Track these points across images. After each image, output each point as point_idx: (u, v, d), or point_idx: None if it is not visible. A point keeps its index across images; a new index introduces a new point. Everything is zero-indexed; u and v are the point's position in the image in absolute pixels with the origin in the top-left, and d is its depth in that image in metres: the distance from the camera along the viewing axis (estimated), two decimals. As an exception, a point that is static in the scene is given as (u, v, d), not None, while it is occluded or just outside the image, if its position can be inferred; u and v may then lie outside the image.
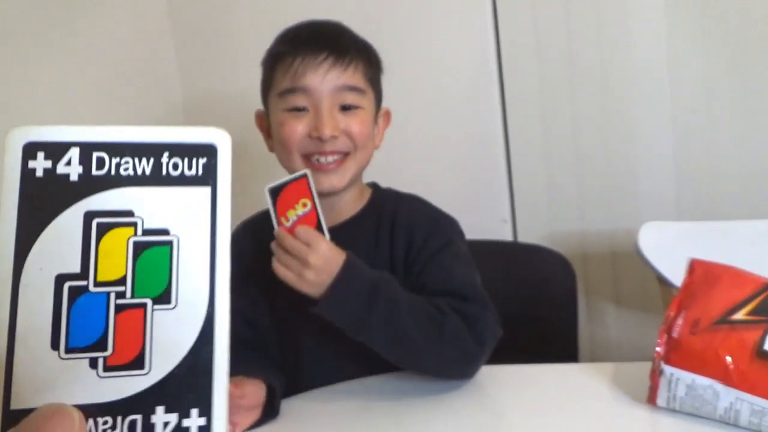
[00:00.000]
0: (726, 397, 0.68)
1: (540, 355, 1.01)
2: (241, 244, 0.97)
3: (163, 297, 0.19)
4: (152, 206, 0.20)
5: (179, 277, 0.19)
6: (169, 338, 0.19)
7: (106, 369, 0.18)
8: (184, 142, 0.21)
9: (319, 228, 0.80)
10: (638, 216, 1.52)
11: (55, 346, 0.17)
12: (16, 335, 0.17)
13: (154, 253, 0.19)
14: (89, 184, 0.19)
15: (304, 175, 0.80)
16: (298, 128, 0.87)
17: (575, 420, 0.74)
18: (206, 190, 0.20)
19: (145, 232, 0.20)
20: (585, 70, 1.54)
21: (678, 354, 0.72)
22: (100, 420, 0.17)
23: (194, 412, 0.20)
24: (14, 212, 0.18)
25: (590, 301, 1.65)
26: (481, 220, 1.58)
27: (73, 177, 0.19)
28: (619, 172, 1.57)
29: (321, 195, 0.85)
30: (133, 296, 0.19)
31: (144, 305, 0.19)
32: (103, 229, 0.19)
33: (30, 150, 0.18)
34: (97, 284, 0.19)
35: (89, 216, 0.19)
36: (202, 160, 0.21)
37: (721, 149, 1.47)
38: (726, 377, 0.68)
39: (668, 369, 0.72)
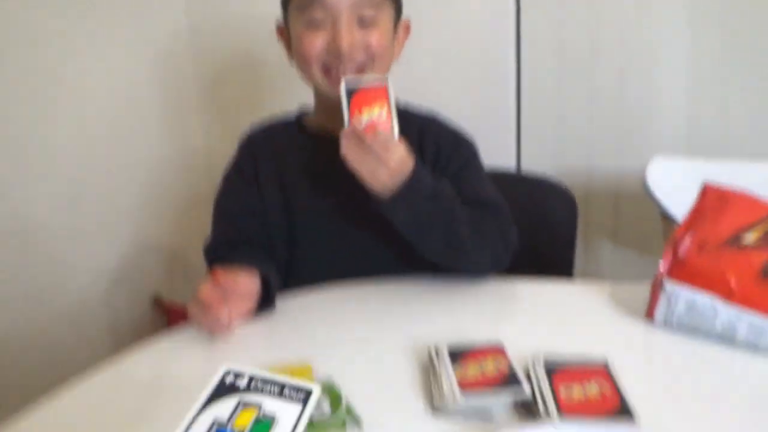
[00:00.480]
0: (725, 314, 0.68)
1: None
2: (256, 144, 0.98)
3: None
4: (271, 404, 0.41)
5: None
6: None
7: None
8: (299, 385, 0.43)
9: (391, 133, 0.81)
10: (647, 157, 1.50)
11: None
12: None
13: (264, 424, 0.40)
14: (247, 389, 0.41)
15: (385, 84, 0.81)
16: (316, 42, 0.87)
17: (571, 333, 0.74)
18: (299, 406, 0.41)
19: (264, 414, 0.40)
20: (605, 5, 1.49)
21: (682, 271, 0.71)
22: None
23: None
24: (209, 391, 0.41)
25: (588, 240, 1.65)
26: (486, 148, 1.56)
27: (242, 385, 0.42)
28: (631, 111, 1.53)
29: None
30: None
31: None
32: (244, 406, 0.41)
33: (227, 372, 0.43)
34: (231, 428, 0.41)
35: (240, 401, 0.41)
36: (302, 394, 0.42)
37: (735, 92, 1.44)
38: (728, 295, 0.68)
39: (670, 285, 0.72)
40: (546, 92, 1.58)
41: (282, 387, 0.44)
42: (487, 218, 0.87)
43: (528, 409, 0.58)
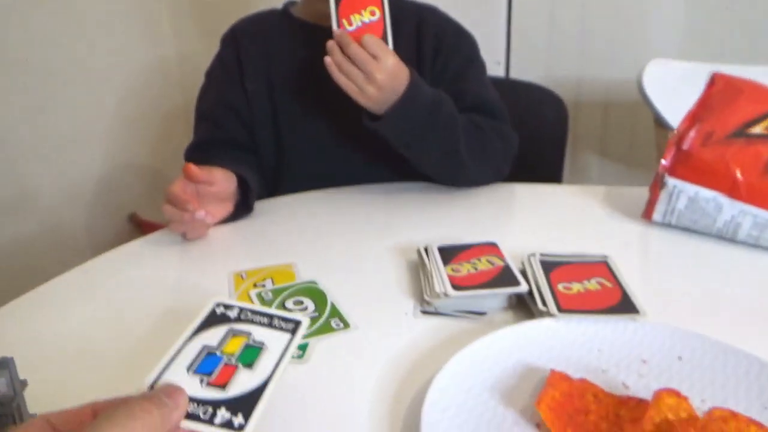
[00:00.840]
0: (729, 209, 0.65)
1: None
2: (241, 35, 0.90)
3: (249, 366, 0.39)
4: (261, 333, 0.42)
5: (260, 361, 0.39)
6: (244, 382, 0.37)
7: (206, 385, 0.37)
8: (288, 316, 0.44)
9: (384, 41, 0.73)
10: (639, 66, 1.44)
11: (189, 369, 0.38)
12: (174, 361, 0.39)
13: (253, 349, 0.40)
14: (237, 320, 0.42)
15: None
16: None
17: (567, 234, 0.71)
18: (288, 335, 0.42)
19: (253, 341, 0.41)
20: None
21: (685, 166, 0.67)
22: (194, 404, 0.35)
23: (240, 415, 0.35)
24: (199, 320, 0.42)
25: (575, 151, 1.61)
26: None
27: (232, 316, 0.43)
28: (625, 18, 1.46)
29: None
30: (235, 362, 0.39)
31: (237, 366, 0.38)
32: (234, 334, 0.41)
33: (218, 304, 0.44)
34: (221, 353, 0.40)
35: (230, 329, 0.42)
36: (292, 324, 0.43)
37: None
38: (732, 190, 0.64)
39: (672, 181, 0.68)
40: (538, 2, 1.48)
41: (271, 318, 0.43)
42: (489, 129, 0.82)
43: (525, 308, 0.55)
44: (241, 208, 0.76)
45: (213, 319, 0.42)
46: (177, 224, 0.70)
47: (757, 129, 0.66)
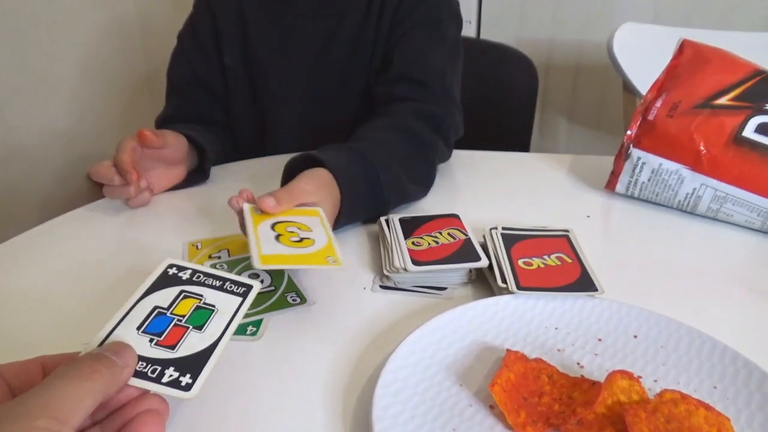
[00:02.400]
0: (691, 182, 0.65)
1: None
2: (216, 9, 0.84)
3: (198, 328, 0.39)
4: (212, 296, 0.42)
5: (210, 323, 0.40)
6: (194, 343, 0.38)
7: (155, 344, 0.37)
8: (240, 280, 0.44)
9: None
10: (610, 30, 1.42)
11: (139, 328, 0.38)
12: (125, 320, 0.39)
13: (204, 311, 0.41)
14: (189, 282, 0.43)
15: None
16: None
17: (529, 204, 0.70)
18: (239, 299, 0.42)
19: (204, 303, 0.41)
20: None
21: (650, 137, 0.66)
22: (142, 363, 0.36)
23: (188, 375, 0.36)
24: (151, 281, 0.42)
25: (545, 114, 1.60)
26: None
27: (184, 277, 0.43)
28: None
29: None
30: (185, 323, 0.39)
31: (188, 327, 0.39)
32: (185, 296, 0.42)
33: (170, 266, 0.44)
34: (171, 314, 0.40)
35: (182, 291, 0.42)
36: (244, 288, 0.43)
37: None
38: (696, 162, 0.64)
39: (636, 152, 0.67)
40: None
41: (224, 281, 0.43)
42: (420, 120, 0.73)
43: (485, 283, 0.55)
44: (197, 174, 0.73)
45: (165, 280, 0.42)
46: (111, 189, 0.66)
47: (723, 100, 0.65)
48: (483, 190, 0.74)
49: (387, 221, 0.61)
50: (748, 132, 0.63)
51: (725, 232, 0.64)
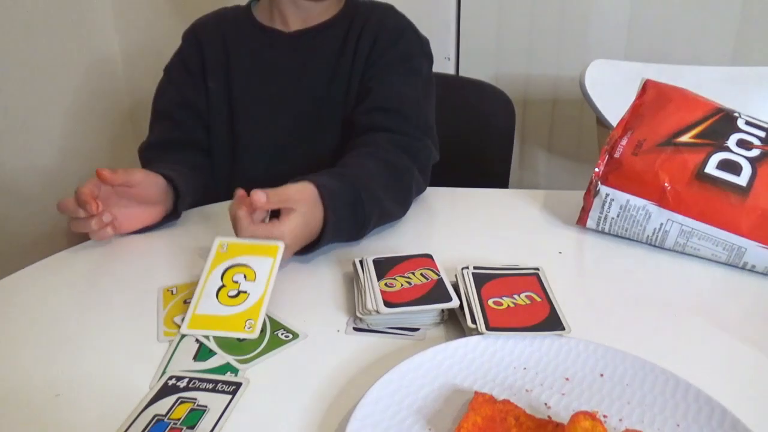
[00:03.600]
0: (658, 218, 0.66)
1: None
2: (203, 31, 0.89)
3: (191, 427, 0.43)
4: (205, 398, 0.46)
5: (202, 421, 0.44)
6: None
7: None
8: (230, 380, 0.48)
9: None
10: (585, 64, 1.46)
11: None
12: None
13: (197, 412, 0.45)
14: (186, 389, 0.48)
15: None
16: None
17: (502, 241, 0.71)
18: (229, 396, 0.46)
19: (198, 405, 0.45)
20: None
21: (617, 174, 0.68)
22: None
23: None
24: (151, 395, 0.47)
25: (524, 148, 1.63)
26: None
27: (182, 386, 0.48)
28: (572, 15, 1.47)
29: (298, 22, 0.85)
30: (179, 425, 0.43)
31: (182, 428, 0.43)
32: (181, 401, 0.46)
33: (170, 377, 0.49)
34: (168, 419, 0.44)
35: (179, 398, 0.47)
36: (233, 387, 0.47)
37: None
38: (661, 199, 0.66)
39: (604, 189, 0.69)
40: (487, 2, 1.49)
41: (216, 383, 0.48)
42: (398, 149, 0.77)
43: (457, 322, 0.55)
44: (172, 214, 0.74)
45: (165, 391, 0.47)
46: (76, 223, 0.68)
47: (685, 138, 0.67)
48: (458, 227, 0.76)
49: (361, 262, 0.62)
50: (710, 168, 0.65)
51: (693, 267, 0.66)
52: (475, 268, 0.59)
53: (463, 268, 0.59)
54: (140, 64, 1.69)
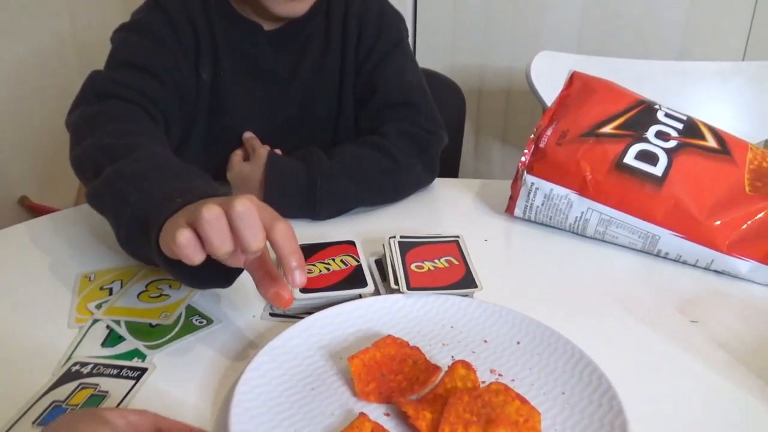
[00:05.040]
0: (579, 206, 0.68)
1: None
2: (197, 26, 0.77)
3: None
4: (108, 383, 0.46)
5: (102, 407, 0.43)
6: None
7: None
8: (136, 365, 0.48)
9: None
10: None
11: (35, 422, 0.42)
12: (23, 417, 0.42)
13: (97, 397, 0.45)
14: (90, 374, 0.47)
15: None
16: None
17: (432, 226, 0.72)
18: (132, 381, 0.46)
19: (99, 391, 0.45)
20: None
21: (542, 164, 0.70)
22: None
23: None
24: (51, 383, 0.46)
25: (479, 137, 1.64)
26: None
27: (85, 371, 0.48)
28: (525, 8, 1.49)
29: (275, 18, 0.78)
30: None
31: None
32: (83, 387, 0.46)
33: (74, 363, 0.49)
34: (66, 405, 0.44)
35: (80, 383, 0.46)
36: (137, 372, 0.47)
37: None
38: (582, 188, 0.67)
39: (530, 178, 0.70)
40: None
41: (121, 368, 0.48)
42: (403, 138, 0.77)
43: (387, 287, 0.58)
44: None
45: (67, 377, 0.46)
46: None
47: (607, 129, 0.69)
48: (388, 215, 0.76)
49: (284, 249, 0.62)
50: (629, 159, 0.66)
51: (611, 254, 0.67)
52: (401, 237, 0.62)
53: (390, 238, 0.62)
54: (92, 44, 1.65)
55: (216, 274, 0.49)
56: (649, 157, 0.66)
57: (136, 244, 0.53)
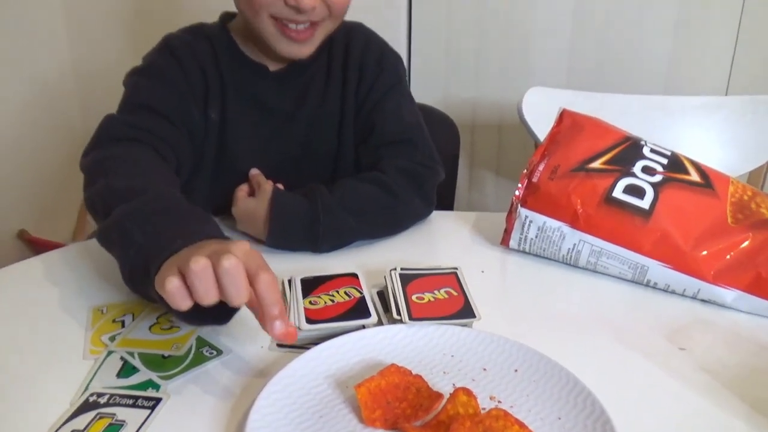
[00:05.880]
0: (571, 238, 0.71)
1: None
2: (185, 54, 0.80)
3: None
4: (124, 413, 0.48)
5: None
6: None
7: None
8: (150, 395, 0.50)
9: None
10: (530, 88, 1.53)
11: None
12: None
13: (114, 427, 0.47)
14: (106, 404, 0.49)
15: None
16: None
17: (431, 258, 0.75)
18: (147, 411, 0.47)
19: (116, 420, 0.46)
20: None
21: (535, 198, 0.73)
22: None
23: None
24: (70, 413, 0.48)
25: (473, 170, 1.68)
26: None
27: (102, 401, 0.50)
28: (517, 43, 1.55)
29: (281, 59, 0.82)
30: None
31: None
32: (100, 417, 0.47)
33: (92, 394, 0.51)
34: None
35: (98, 413, 0.48)
36: (152, 402, 0.48)
37: (615, 28, 1.49)
38: (574, 220, 0.71)
39: (524, 211, 0.73)
40: (436, 25, 1.55)
41: (136, 398, 0.49)
42: (400, 174, 0.81)
43: (389, 318, 0.60)
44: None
45: (85, 407, 0.48)
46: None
47: (596, 164, 0.72)
48: (387, 247, 0.79)
49: (289, 281, 0.65)
50: (617, 192, 0.70)
51: (603, 284, 0.70)
52: (402, 269, 0.65)
53: (391, 270, 0.64)
54: (91, 76, 1.68)
55: (212, 311, 0.52)
56: (637, 191, 0.69)
57: (138, 282, 0.57)
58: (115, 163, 0.69)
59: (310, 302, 0.60)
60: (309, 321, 0.57)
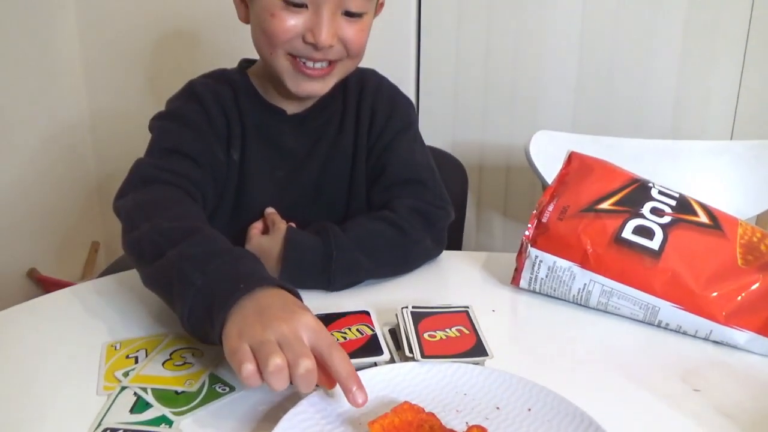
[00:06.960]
0: (581, 278, 0.71)
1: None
2: (208, 99, 0.83)
3: None
4: None
5: None
6: None
7: None
8: (157, 430, 0.49)
9: None
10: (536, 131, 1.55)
11: None
12: None
13: None
14: None
15: None
16: (290, 26, 0.75)
17: (442, 298, 0.75)
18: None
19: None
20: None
21: (544, 238, 0.74)
22: None
23: None
24: None
25: (481, 212, 1.70)
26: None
27: None
28: (524, 88, 1.58)
29: (298, 100, 0.85)
30: None
31: None
32: None
33: (105, 429, 0.50)
34: None
35: None
36: None
37: (620, 73, 1.52)
38: (584, 260, 0.71)
39: (534, 251, 0.74)
40: (444, 70, 1.59)
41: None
42: (412, 213, 0.82)
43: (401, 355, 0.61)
44: None
45: None
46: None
47: (605, 205, 0.73)
48: (398, 286, 0.79)
49: (302, 319, 0.65)
50: (627, 233, 0.71)
51: (614, 324, 0.70)
52: (413, 307, 0.65)
53: (403, 308, 0.65)
54: (105, 121, 1.72)
55: None
56: (646, 232, 0.70)
57: (197, 324, 0.58)
58: (155, 205, 0.72)
59: (323, 339, 0.60)
60: (321, 358, 0.57)
